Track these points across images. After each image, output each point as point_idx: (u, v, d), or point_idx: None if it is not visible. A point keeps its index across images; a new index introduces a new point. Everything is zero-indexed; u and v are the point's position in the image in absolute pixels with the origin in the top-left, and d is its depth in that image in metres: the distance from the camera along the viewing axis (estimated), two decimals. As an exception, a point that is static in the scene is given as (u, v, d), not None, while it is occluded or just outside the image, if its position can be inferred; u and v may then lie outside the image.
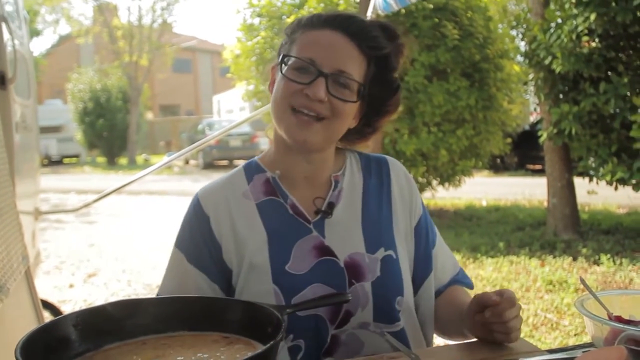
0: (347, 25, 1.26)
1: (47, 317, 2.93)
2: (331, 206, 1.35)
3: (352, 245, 1.33)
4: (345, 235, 1.33)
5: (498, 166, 14.62)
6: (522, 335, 3.31)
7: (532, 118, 13.69)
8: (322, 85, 1.21)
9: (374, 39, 1.27)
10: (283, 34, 1.37)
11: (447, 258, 1.50)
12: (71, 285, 5.73)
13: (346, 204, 1.37)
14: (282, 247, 1.30)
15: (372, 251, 1.33)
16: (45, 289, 5.33)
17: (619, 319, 1.12)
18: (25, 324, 2.12)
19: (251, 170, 1.40)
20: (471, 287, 1.52)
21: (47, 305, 3.24)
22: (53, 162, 24.41)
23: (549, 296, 4.66)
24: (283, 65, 1.27)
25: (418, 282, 1.43)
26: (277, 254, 1.30)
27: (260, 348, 0.95)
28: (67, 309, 4.65)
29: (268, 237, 1.31)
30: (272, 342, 0.89)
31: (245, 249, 1.31)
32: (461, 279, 1.51)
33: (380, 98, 1.34)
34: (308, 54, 1.24)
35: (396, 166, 1.47)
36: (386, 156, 1.49)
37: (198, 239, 1.33)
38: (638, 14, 5.22)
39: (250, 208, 1.34)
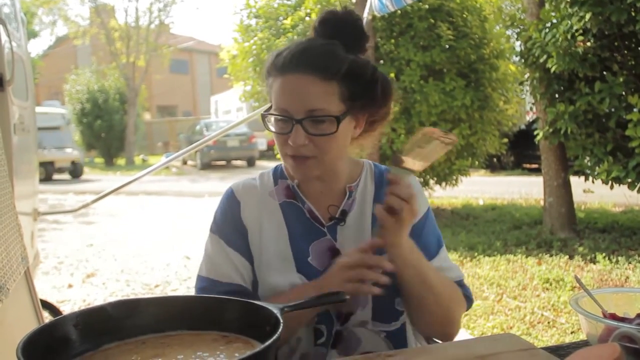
0: (302, 61, 1.31)
1: (47, 317, 2.94)
2: (344, 214, 1.45)
3: None
4: (355, 240, 1.41)
5: (495, 165, 14.65)
6: (519, 333, 3.30)
7: (528, 117, 13.70)
8: (300, 132, 1.30)
9: (331, 62, 1.31)
10: (264, 71, 1.41)
11: (447, 269, 1.49)
12: (70, 286, 5.73)
13: (358, 211, 1.45)
14: (302, 244, 1.42)
15: (377, 254, 1.37)
16: (44, 289, 5.33)
17: (613, 317, 1.14)
18: (25, 323, 2.12)
19: (277, 175, 1.51)
20: (468, 299, 1.50)
21: (47, 305, 3.24)
22: (51, 163, 24.36)
23: (546, 294, 4.68)
24: (269, 117, 1.37)
25: None
26: (299, 249, 1.42)
27: (258, 347, 0.96)
28: (66, 309, 4.66)
29: (289, 234, 1.43)
30: (270, 341, 0.90)
31: (267, 241, 1.42)
32: (459, 284, 1.49)
33: (370, 101, 1.38)
34: (281, 104, 1.32)
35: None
36: None
37: (230, 222, 1.46)
38: (633, 13, 5.24)
39: (274, 206, 1.46)
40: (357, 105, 1.36)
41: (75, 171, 19.42)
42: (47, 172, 18.29)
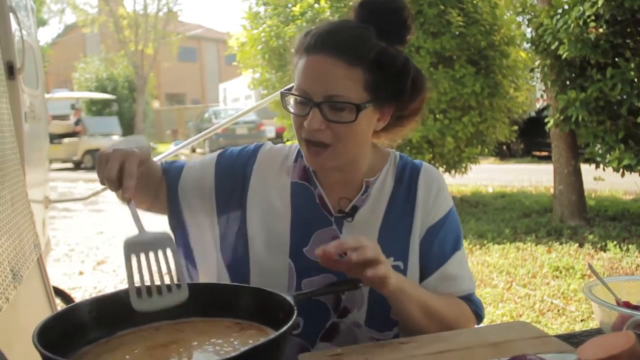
0: (328, 42, 1.24)
1: (59, 303, 2.96)
2: (355, 209, 1.37)
3: None
4: None
5: (504, 153, 14.58)
6: (528, 320, 3.29)
7: (539, 105, 13.61)
8: (317, 116, 1.23)
9: (358, 46, 1.24)
10: (293, 49, 1.34)
11: (457, 278, 1.39)
12: (81, 273, 5.77)
13: (370, 208, 1.37)
14: (303, 232, 1.35)
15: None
16: (56, 276, 5.37)
17: (627, 305, 1.13)
18: (39, 310, 2.14)
19: (301, 152, 1.41)
20: (478, 315, 1.40)
21: (59, 292, 3.27)
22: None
23: (556, 282, 4.67)
24: (287, 98, 1.31)
25: (424, 276, 1.37)
26: (298, 236, 1.35)
27: (272, 334, 0.97)
28: (77, 296, 4.69)
29: (292, 218, 1.37)
30: (284, 328, 0.90)
31: (268, 215, 1.37)
32: (469, 298, 1.40)
33: (397, 95, 1.30)
34: (301, 85, 1.26)
35: (428, 175, 1.43)
36: (424, 164, 1.45)
37: (233, 165, 1.42)
38: (646, -1, 5.18)
39: (285, 184, 1.40)
40: (382, 97, 1.27)
41: None
42: (95, 160, 17.89)
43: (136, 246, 1.02)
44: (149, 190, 1.39)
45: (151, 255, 1.02)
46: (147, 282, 1.00)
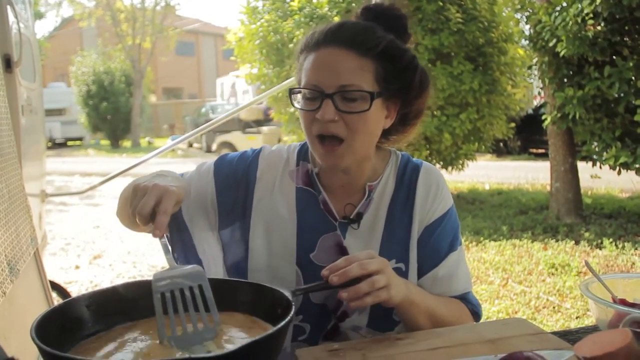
0: (338, 35, 1.25)
1: (55, 298, 2.96)
2: (359, 216, 1.37)
3: None
4: (363, 242, 1.36)
5: (501, 150, 14.59)
6: (524, 317, 3.30)
7: (536, 102, 13.62)
8: (329, 107, 1.22)
9: (367, 39, 1.25)
10: (297, 54, 1.35)
11: (453, 277, 1.41)
12: (77, 267, 5.77)
13: (373, 213, 1.38)
14: (309, 238, 1.36)
15: None
16: (52, 271, 5.37)
17: (623, 302, 1.13)
18: (35, 304, 2.14)
19: (301, 155, 1.44)
20: (476, 315, 1.43)
21: (55, 286, 3.26)
22: (57, 145, 24.43)
23: (551, 279, 4.68)
24: (296, 95, 1.30)
25: (419, 274, 1.39)
26: (304, 242, 1.36)
27: (270, 329, 0.97)
28: (73, 290, 4.69)
29: (298, 224, 1.37)
30: (282, 323, 0.90)
31: (271, 220, 1.37)
32: (465, 297, 1.43)
33: (406, 89, 1.31)
34: (311, 79, 1.25)
35: (428, 175, 1.43)
36: (424, 164, 1.45)
37: (234, 174, 1.40)
38: (644, -3, 5.18)
39: (290, 189, 1.40)
40: (391, 90, 1.28)
41: None
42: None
43: (166, 281, 1.00)
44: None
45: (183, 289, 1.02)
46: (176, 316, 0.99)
